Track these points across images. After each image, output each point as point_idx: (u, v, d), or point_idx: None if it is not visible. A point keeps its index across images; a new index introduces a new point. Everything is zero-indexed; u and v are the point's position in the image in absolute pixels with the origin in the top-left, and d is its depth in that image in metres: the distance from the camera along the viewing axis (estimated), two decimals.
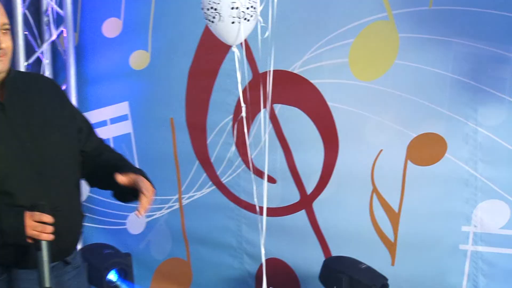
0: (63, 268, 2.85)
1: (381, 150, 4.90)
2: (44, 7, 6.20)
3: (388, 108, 4.86)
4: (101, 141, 3.12)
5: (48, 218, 2.57)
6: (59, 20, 6.16)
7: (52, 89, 2.95)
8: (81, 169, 3.00)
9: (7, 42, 2.68)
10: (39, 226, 2.57)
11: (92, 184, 3.12)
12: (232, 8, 4.16)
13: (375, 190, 4.93)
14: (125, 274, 5.45)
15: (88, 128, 3.05)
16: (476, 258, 4.66)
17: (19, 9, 5.84)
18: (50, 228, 2.57)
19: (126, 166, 2.90)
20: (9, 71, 2.76)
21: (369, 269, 4.61)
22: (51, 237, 2.56)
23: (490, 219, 4.63)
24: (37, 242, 2.60)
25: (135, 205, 5.91)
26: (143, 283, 5.87)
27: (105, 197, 5.81)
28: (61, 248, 2.77)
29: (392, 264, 4.89)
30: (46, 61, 6.23)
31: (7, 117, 2.71)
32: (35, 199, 2.66)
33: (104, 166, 2.95)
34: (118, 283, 5.42)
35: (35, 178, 2.72)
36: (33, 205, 2.60)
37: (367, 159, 4.95)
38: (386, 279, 4.55)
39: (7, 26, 2.68)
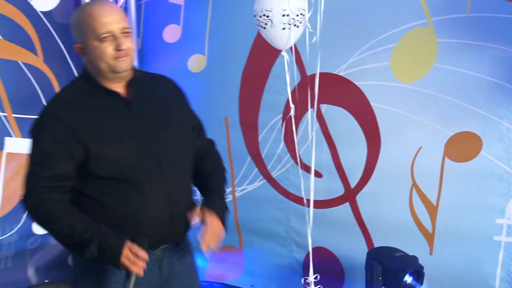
0: (174, 248, 2.91)
1: (420, 147, 4.92)
2: None
3: (427, 108, 4.87)
4: (209, 141, 3.18)
5: (143, 254, 2.64)
6: None
7: (172, 89, 3.04)
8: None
9: (127, 44, 2.75)
10: (133, 258, 2.64)
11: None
12: (283, 15, 4.23)
13: (414, 184, 4.95)
14: None
15: (200, 127, 3.12)
16: (509, 248, 4.65)
17: None
18: (142, 265, 2.64)
19: (211, 189, 2.97)
20: (134, 71, 2.85)
21: (404, 257, 4.60)
22: (140, 272, 2.64)
23: None
24: (127, 271, 2.67)
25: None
26: (199, 269, 5.92)
27: None
28: (174, 232, 2.86)
29: (430, 253, 4.89)
30: None
31: (132, 113, 2.80)
32: (156, 187, 2.76)
33: (199, 174, 3.02)
34: None
35: (155, 168, 2.79)
36: (134, 237, 2.67)
37: (407, 156, 4.96)
38: (421, 267, 4.55)
39: (128, 30, 2.76)
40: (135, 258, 2.64)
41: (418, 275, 4.52)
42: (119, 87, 2.83)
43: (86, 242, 2.64)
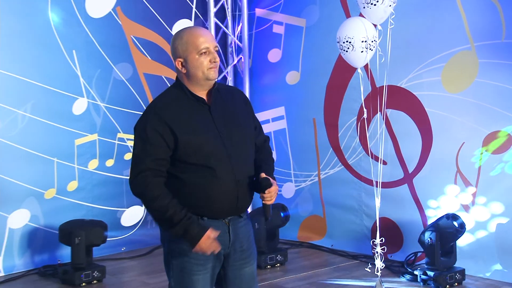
0: (238, 219, 2.82)
1: (464, 142, 4.94)
2: (229, 41, 6.49)
3: (469, 112, 4.90)
4: (266, 139, 3.01)
5: (215, 234, 2.66)
6: (238, 50, 6.42)
7: (241, 97, 2.93)
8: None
9: (217, 58, 2.73)
10: (209, 243, 2.64)
11: None
12: (362, 41, 4.28)
13: (458, 171, 4.97)
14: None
15: (259, 127, 2.99)
16: None
17: None
18: (215, 246, 2.66)
19: (265, 169, 2.86)
20: (215, 84, 2.80)
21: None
22: (216, 250, 2.67)
23: None
24: (264, 206, 2.75)
25: (287, 178, 5.93)
26: (293, 231, 6.01)
27: None
28: (239, 207, 2.79)
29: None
30: (229, 78, 6.45)
31: (212, 116, 2.75)
32: (227, 173, 2.71)
33: (255, 160, 2.90)
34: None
35: (226, 157, 2.72)
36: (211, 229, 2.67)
37: (453, 149, 4.99)
38: (458, 215, 4.67)
39: (217, 48, 2.76)
40: (211, 243, 2.64)
41: (458, 220, 4.62)
42: (203, 95, 2.76)
43: (174, 223, 2.63)
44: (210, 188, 2.70)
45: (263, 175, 2.75)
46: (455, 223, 4.62)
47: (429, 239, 4.61)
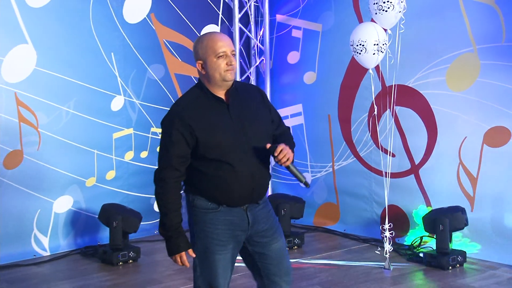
0: (255, 205, 2.85)
1: (466, 137, 4.95)
2: (252, 44, 6.55)
3: (471, 109, 4.91)
4: (286, 129, 2.98)
5: (184, 264, 2.82)
6: (260, 53, 6.48)
7: (258, 93, 2.93)
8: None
9: (234, 61, 2.74)
10: (178, 263, 2.83)
11: None
12: (374, 44, 4.34)
13: (461, 162, 4.99)
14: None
15: (278, 119, 2.96)
16: None
17: (237, 45, 6.28)
18: (181, 264, 2.83)
19: (281, 139, 2.88)
20: (233, 83, 2.81)
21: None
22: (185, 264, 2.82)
23: None
24: (290, 168, 2.73)
25: (304, 168, 5.95)
26: (309, 217, 6.04)
27: None
28: (255, 197, 2.82)
29: (472, 210, 4.93)
30: (252, 78, 6.50)
31: (230, 114, 2.76)
32: (243, 167, 2.74)
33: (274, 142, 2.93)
34: None
35: (243, 153, 2.75)
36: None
37: (456, 142, 5.00)
38: (464, 209, 4.73)
39: (234, 52, 2.76)
40: (179, 263, 2.81)
41: (465, 215, 4.71)
42: (222, 94, 2.77)
43: (164, 228, 2.78)
44: (228, 181, 2.74)
45: (268, 145, 2.75)
46: (464, 217, 4.67)
47: (441, 225, 4.65)
